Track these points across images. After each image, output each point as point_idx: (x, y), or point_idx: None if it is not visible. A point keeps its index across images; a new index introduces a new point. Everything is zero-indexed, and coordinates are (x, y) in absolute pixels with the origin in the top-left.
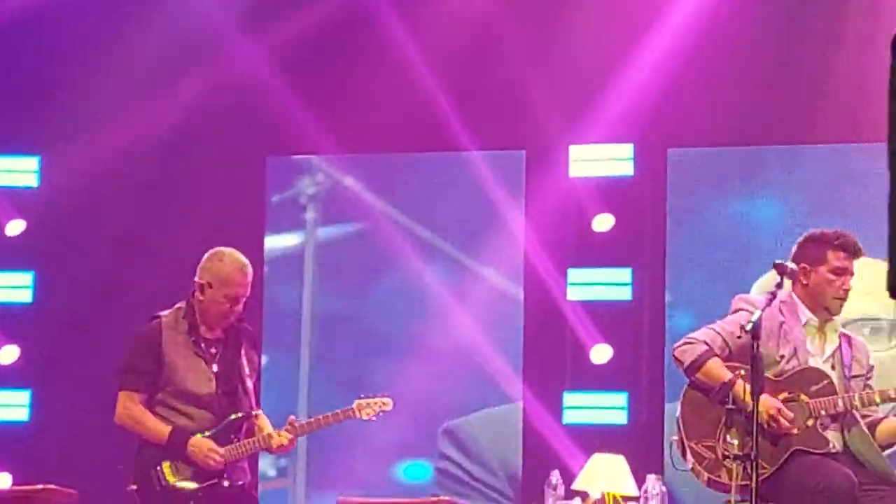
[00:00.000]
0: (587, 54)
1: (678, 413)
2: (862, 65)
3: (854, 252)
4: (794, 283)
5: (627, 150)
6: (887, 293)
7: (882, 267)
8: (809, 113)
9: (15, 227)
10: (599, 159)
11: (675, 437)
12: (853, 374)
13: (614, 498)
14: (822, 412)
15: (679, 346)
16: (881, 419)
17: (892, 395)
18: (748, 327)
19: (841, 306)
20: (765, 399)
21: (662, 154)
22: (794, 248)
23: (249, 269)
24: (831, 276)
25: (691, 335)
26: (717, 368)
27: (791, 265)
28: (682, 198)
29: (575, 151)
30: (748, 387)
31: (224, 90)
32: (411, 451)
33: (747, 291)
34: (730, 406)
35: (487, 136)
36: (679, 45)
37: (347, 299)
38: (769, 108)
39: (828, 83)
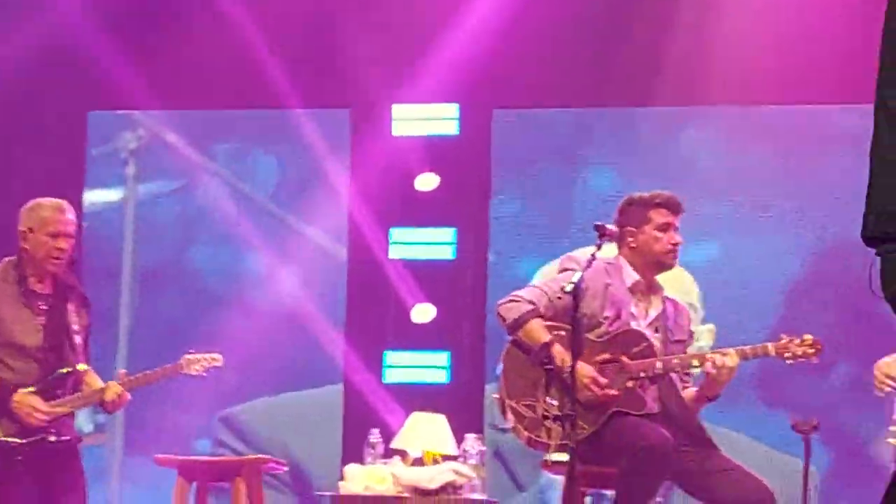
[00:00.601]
0: (414, 12)
1: (499, 371)
2: (698, 27)
3: (676, 208)
4: (620, 246)
5: (452, 109)
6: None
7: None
8: (642, 76)
9: None
10: (424, 118)
11: (496, 396)
12: (675, 338)
13: (434, 457)
14: (642, 374)
15: (503, 304)
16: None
17: (710, 359)
18: (568, 288)
19: (674, 258)
20: (582, 368)
21: (488, 114)
22: (615, 214)
23: (69, 209)
24: (658, 234)
25: (516, 293)
26: (538, 328)
27: (612, 227)
28: (508, 159)
29: (398, 110)
30: (565, 351)
31: (47, 44)
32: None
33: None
34: (549, 366)
35: (312, 94)
36: (506, 4)
37: (168, 256)
38: (599, 71)
39: (661, 47)
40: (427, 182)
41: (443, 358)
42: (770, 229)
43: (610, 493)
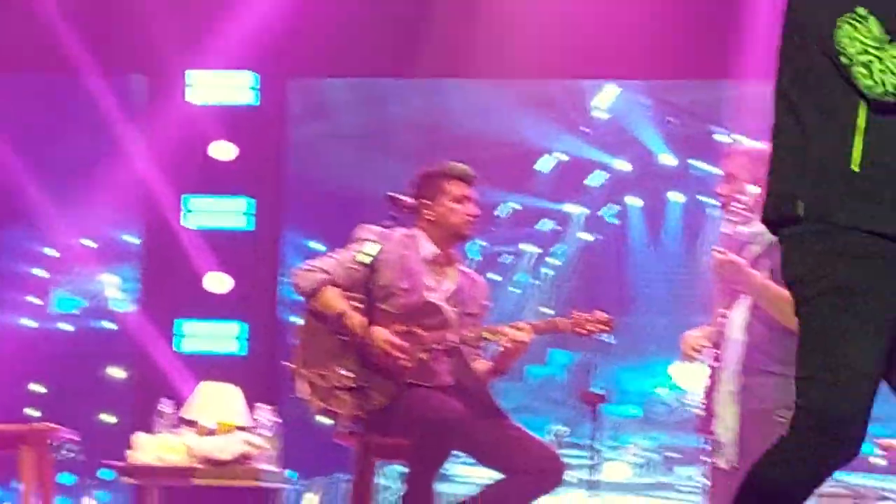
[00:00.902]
0: None
1: (294, 341)
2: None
3: (470, 180)
4: (417, 219)
5: (249, 77)
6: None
7: None
8: (451, 47)
9: None
10: (219, 86)
11: (291, 365)
12: (469, 311)
13: (227, 427)
14: (436, 346)
15: (299, 273)
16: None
17: (503, 331)
18: (366, 261)
19: (471, 229)
20: (377, 331)
21: (285, 83)
22: (411, 186)
23: None
24: (454, 205)
25: (312, 262)
26: (333, 297)
27: (405, 198)
28: (305, 128)
29: (192, 77)
30: (361, 319)
31: None
32: None
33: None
34: (343, 337)
35: (107, 60)
36: None
37: None
38: (399, 40)
39: (472, 15)
40: (224, 151)
41: (238, 328)
42: None
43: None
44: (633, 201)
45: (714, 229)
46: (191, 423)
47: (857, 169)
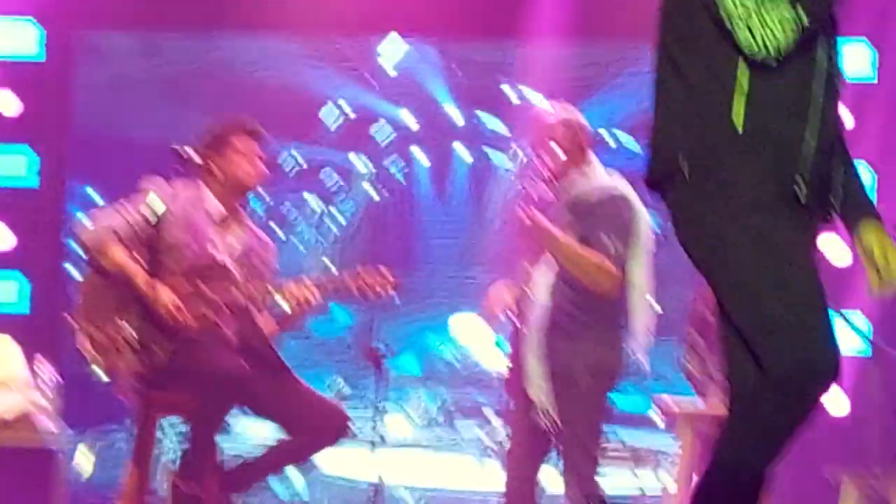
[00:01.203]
0: None
1: (76, 296)
2: None
3: (257, 135)
4: (203, 174)
5: (32, 29)
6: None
7: None
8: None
9: None
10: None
11: (72, 320)
12: (256, 269)
13: (2, 383)
14: (219, 302)
15: (82, 229)
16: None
17: (289, 290)
18: (152, 219)
19: (256, 183)
20: (162, 292)
21: (69, 36)
22: (199, 141)
23: None
24: (240, 160)
25: (95, 214)
26: (117, 253)
27: (188, 150)
28: (89, 82)
29: None
30: (146, 276)
31: None
32: None
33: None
34: (125, 294)
35: None
36: None
37: None
38: None
39: None
40: (7, 105)
41: (19, 285)
42: None
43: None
44: (420, 154)
45: (503, 185)
46: None
47: (740, 129)
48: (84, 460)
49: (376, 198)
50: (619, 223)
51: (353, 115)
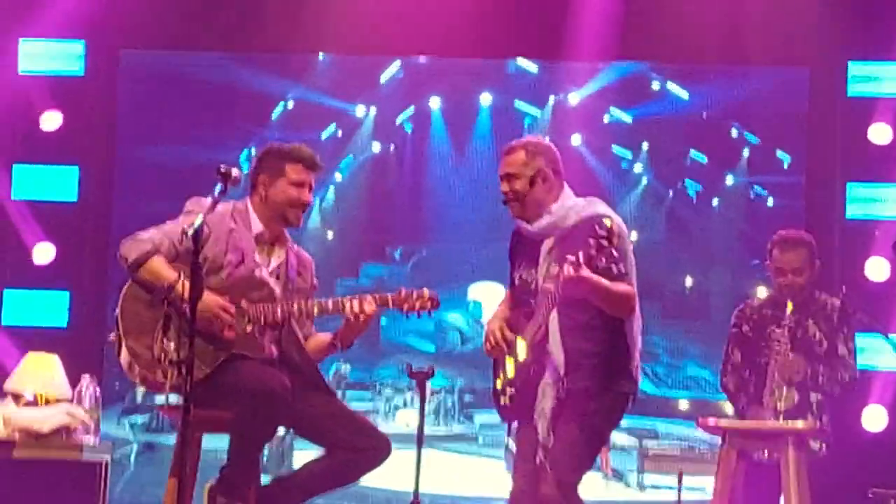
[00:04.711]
0: None
1: (118, 309)
2: None
3: (312, 165)
4: (252, 193)
5: (78, 47)
6: None
7: None
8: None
9: None
10: (49, 56)
11: (113, 334)
12: (297, 287)
13: (46, 399)
14: (262, 319)
15: (125, 243)
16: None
17: (328, 307)
18: (189, 232)
19: (299, 217)
20: (209, 297)
21: (115, 54)
22: (253, 160)
23: None
24: (290, 189)
25: (140, 233)
26: (160, 267)
27: (236, 171)
28: (135, 99)
29: (25, 46)
30: (186, 285)
31: None
32: None
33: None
34: (168, 310)
35: None
36: None
37: None
38: (234, 15)
39: None
40: (51, 121)
41: (63, 298)
42: None
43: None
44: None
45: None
46: (15, 395)
47: None
48: (125, 474)
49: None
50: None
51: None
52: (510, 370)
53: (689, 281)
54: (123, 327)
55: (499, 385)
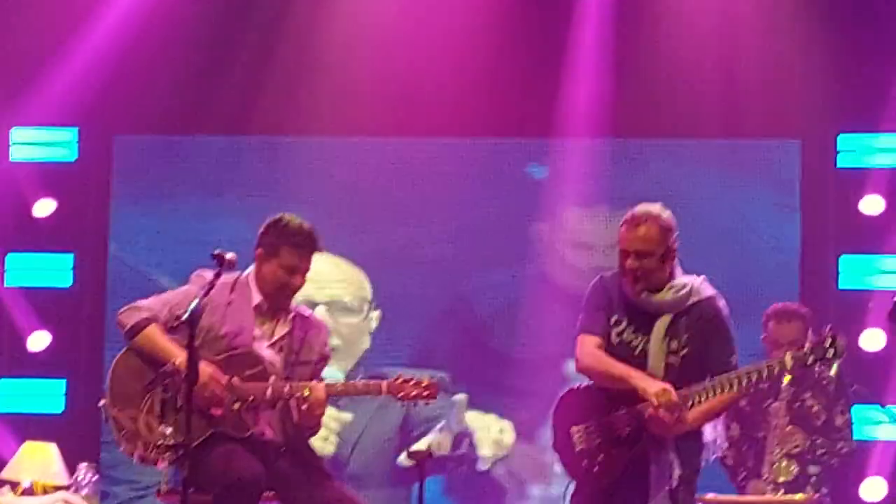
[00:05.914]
0: (30, 34)
1: (108, 378)
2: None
3: (309, 248)
4: (255, 266)
5: (69, 134)
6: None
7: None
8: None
9: None
10: (40, 143)
11: (102, 403)
12: (301, 359)
13: (44, 487)
14: (250, 398)
15: (124, 311)
16: None
17: (339, 389)
18: (184, 316)
19: (288, 302)
20: (204, 369)
21: (108, 140)
22: (260, 228)
23: None
24: (280, 272)
25: (140, 302)
26: (156, 334)
27: (230, 255)
28: (129, 184)
29: (16, 134)
30: (184, 356)
31: None
32: None
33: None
34: (164, 396)
35: None
36: (123, 32)
37: None
38: (234, 97)
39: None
40: (44, 208)
41: (59, 386)
42: None
43: None
44: None
45: None
46: (12, 484)
47: None
48: None
49: None
50: None
51: None
52: None
53: None
54: (110, 396)
55: None
